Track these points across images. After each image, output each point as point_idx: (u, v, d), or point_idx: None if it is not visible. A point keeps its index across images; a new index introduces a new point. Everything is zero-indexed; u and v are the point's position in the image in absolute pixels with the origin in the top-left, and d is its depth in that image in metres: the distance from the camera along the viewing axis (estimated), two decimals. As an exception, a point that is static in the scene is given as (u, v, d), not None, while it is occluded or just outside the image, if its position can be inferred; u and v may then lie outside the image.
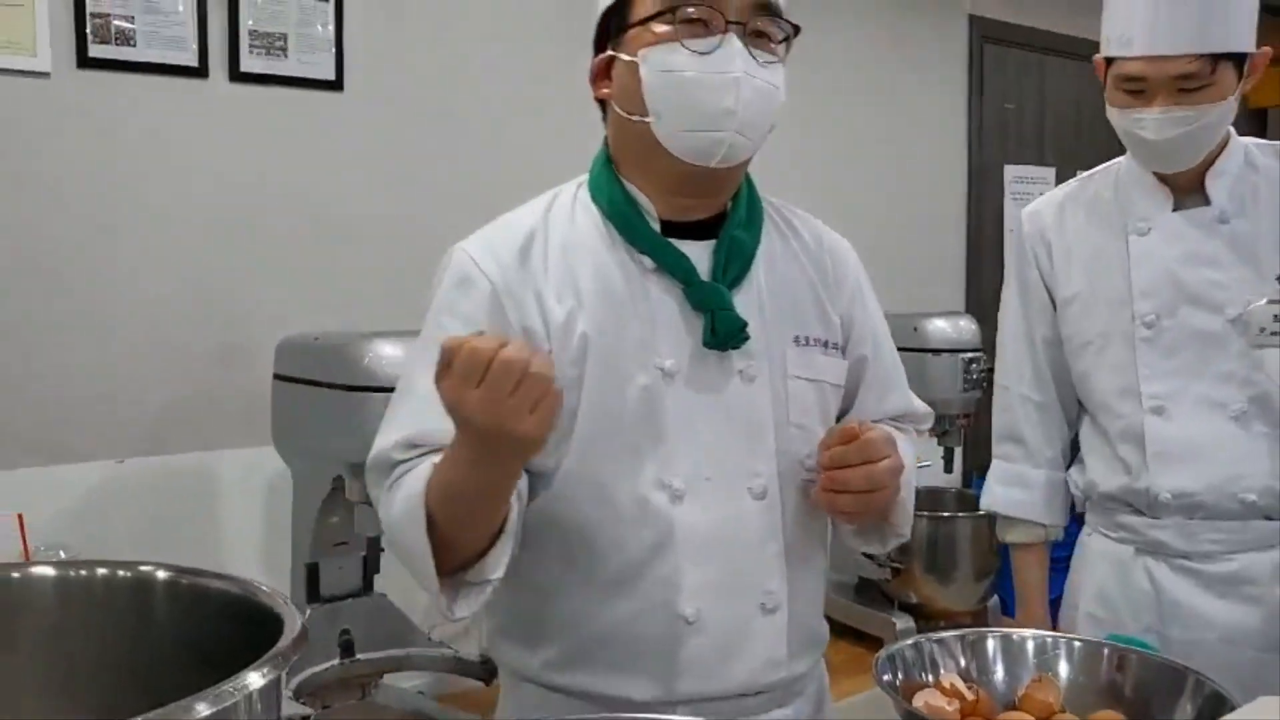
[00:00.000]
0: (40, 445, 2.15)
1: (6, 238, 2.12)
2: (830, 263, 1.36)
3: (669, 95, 1.17)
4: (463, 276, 1.21)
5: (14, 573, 0.77)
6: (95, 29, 2.16)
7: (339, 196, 2.51)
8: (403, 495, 1.12)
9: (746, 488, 1.22)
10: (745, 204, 1.29)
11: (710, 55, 1.16)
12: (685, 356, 1.20)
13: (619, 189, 1.24)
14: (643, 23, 1.19)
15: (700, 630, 1.20)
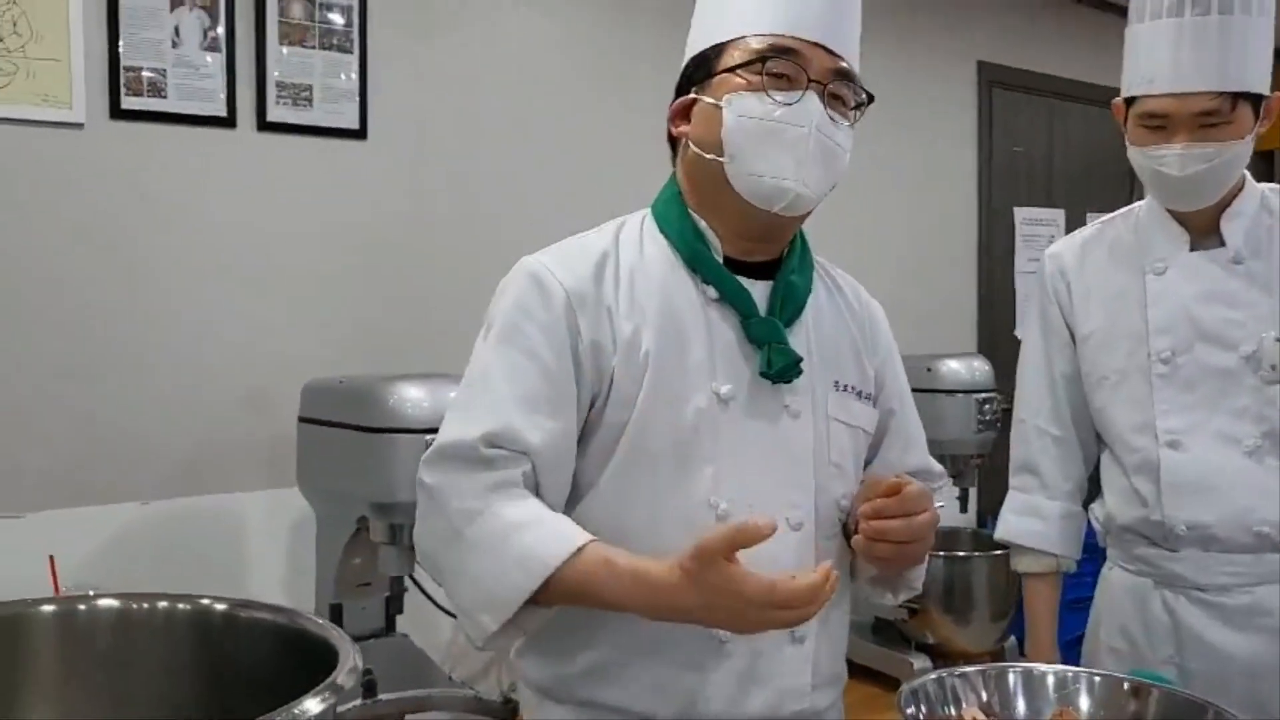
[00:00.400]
0: (68, 487, 2.19)
1: (41, 283, 2.17)
2: (868, 321, 1.44)
3: (745, 139, 1.24)
4: (539, 283, 1.25)
5: (80, 605, 0.80)
6: (128, 81, 2.23)
7: (362, 242, 2.55)
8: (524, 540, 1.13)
9: (785, 518, 1.25)
10: (799, 254, 1.36)
11: (790, 108, 1.23)
12: (741, 385, 1.25)
13: (689, 221, 1.30)
14: (731, 70, 1.26)
15: (732, 652, 1.23)
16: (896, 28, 3.73)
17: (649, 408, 1.22)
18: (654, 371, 1.23)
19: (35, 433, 2.16)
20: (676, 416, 1.23)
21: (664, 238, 1.31)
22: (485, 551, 1.14)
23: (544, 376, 1.21)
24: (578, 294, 1.23)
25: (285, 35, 2.41)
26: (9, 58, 2.10)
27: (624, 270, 1.27)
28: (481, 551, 1.14)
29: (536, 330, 1.22)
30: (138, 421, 2.27)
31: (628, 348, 1.23)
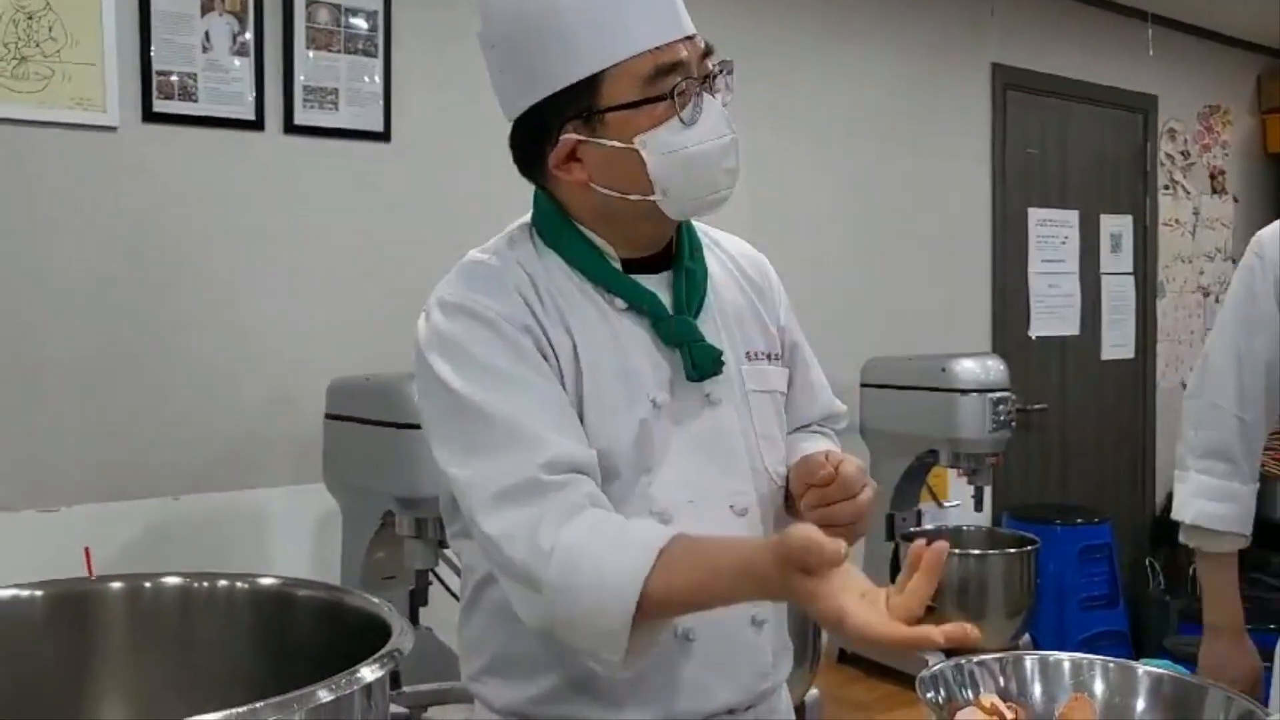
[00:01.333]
0: (102, 482, 2.23)
1: (73, 284, 2.22)
2: (761, 279, 1.40)
3: (678, 173, 1.18)
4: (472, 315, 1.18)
5: (146, 583, 0.84)
6: (160, 85, 2.28)
7: (387, 242, 2.60)
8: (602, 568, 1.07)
9: (729, 505, 1.25)
10: (687, 234, 1.31)
11: (701, 125, 1.18)
12: (668, 388, 1.23)
13: (580, 238, 1.25)
14: (627, 107, 1.17)
15: (698, 648, 1.22)
16: (911, 30, 3.76)
17: (591, 426, 1.19)
18: (590, 390, 1.20)
19: (71, 430, 2.21)
20: (618, 431, 1.19)
21: (556, 254, 1.25)
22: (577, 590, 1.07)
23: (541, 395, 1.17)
24: (509, 317, 1.18)
25: (312, 40, 2.45)
26: (45, 62, 2.15)
27: (534, 291, 1.22)
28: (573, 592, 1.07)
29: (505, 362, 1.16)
30: (169, 419, 2.32)
31: (566, 368, 1.20)
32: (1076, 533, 3.75)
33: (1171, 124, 4.77)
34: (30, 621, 0.81)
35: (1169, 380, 4.76)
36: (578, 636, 1.11)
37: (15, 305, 2.16)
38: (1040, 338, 4.26)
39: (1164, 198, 4.76)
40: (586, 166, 1.21)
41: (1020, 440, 3.92)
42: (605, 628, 1.07)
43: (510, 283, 1.22)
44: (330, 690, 0.65)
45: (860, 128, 3.59)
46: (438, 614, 2.39)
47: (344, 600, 0.81)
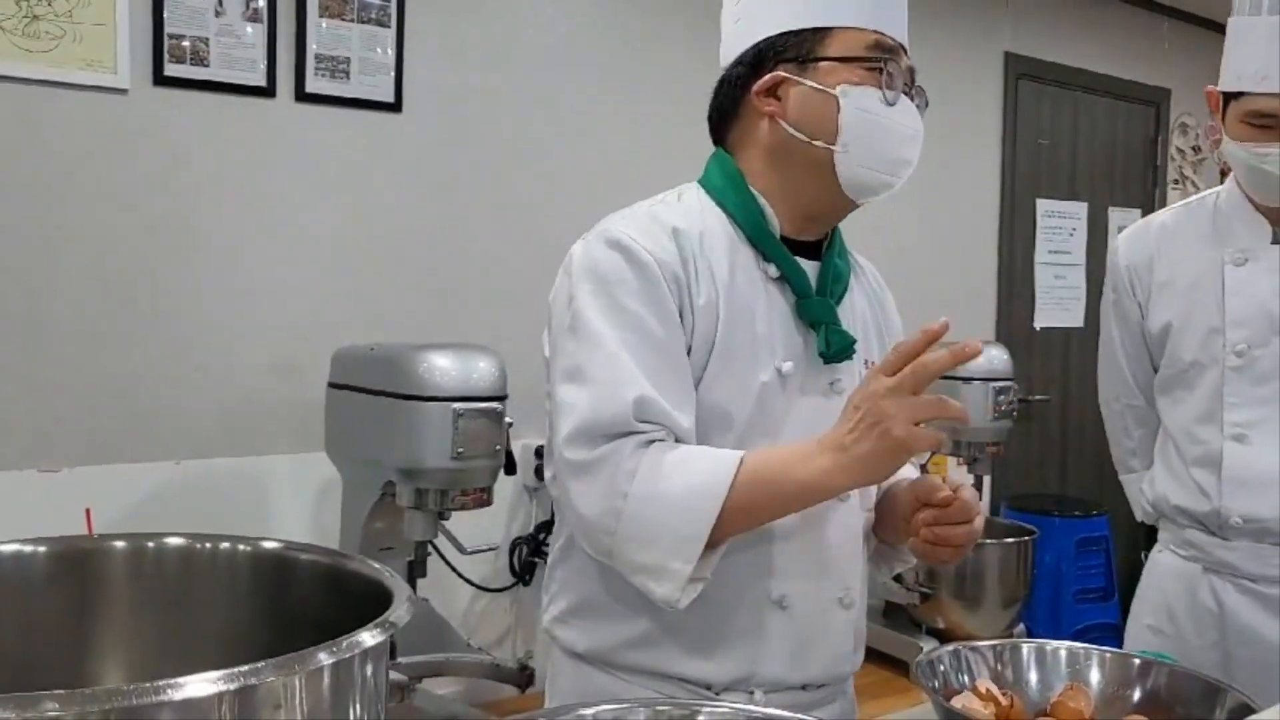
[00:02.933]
0: (105, 445, 2.24)
1: (81, 246, 2.22)
2: (884, 302, 1.48)
3: (863, 133, 1.27)
4: (627, 253, 1.23)
5: (149, 542, 0.84)
6: (171, 49, 2.27)
7: (395, 212, 2.59)
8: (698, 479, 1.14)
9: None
10: (838, 235, 1.40)
11: (895, 108, 1.28)
12: (798, 361, 1.28)
13: (751, 198, 1.30)
14: (842, 60, 1.27)
15: (790, 616, 1.27)
16: (925, 18, 3.72)
17: (714, 378, 1.24)
18: (722, 343, 1.24)
19: (75, 391, 2.21)
20: (740, 389, 1.25)
21: (723, 212, 1.31)
22: (656, 499, 1.14)
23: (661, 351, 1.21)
24: (664, 263, 1.23)
25: (325, 8, 2.44)
26: (57, 21, 2.14)
27: (695, 241, 1.26)
28: (652, 500, 1.14)
29: (640, 305, 1.21)
30: (173, 384, 2.32)
31: (704, 316, 1.24)
32: (1074, 525, 3.76)
33: (1183, 118, 4.75)
34: (32, 577, 0.82)
35: (1172, 376, 4.75)
36: (643, 550, 1.15)
37: (21, 265, 2.16)
38: (1044, 329, 4.25)
39: (1173, 192, 4.74)
40: (785, 103, 1.29)
41: (1021, 431, 3.92)
42: (684, 532, 1.13)
43: (672, 228, 1.26)
44: (330, 653, 0.66)
45: (871, 113, 3.57)
46: (435, 586, 2.40)
47: (345, 566, 0.81)
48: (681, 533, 1.13)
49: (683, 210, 1.30)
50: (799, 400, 1.28)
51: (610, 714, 0.94)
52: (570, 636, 1.33)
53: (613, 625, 1.29)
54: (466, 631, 2.52)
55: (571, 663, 1.34)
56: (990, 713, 1.16)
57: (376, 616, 0.72)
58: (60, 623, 0.81)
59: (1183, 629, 1.82)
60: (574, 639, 1.33)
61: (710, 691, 1.26)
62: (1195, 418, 1.79)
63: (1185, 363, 1.80)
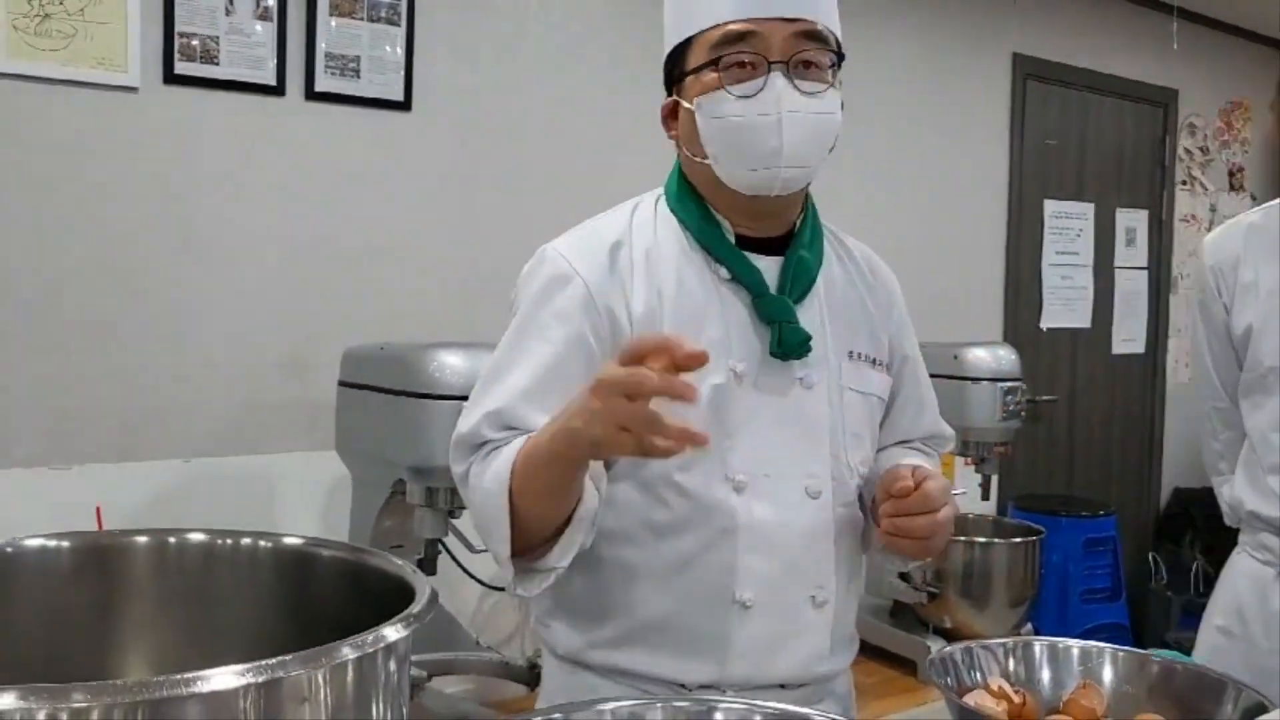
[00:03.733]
0: (115, 443, 2.25)
1: (93, 244, 2.22)
2: (881, 289, 1.45)
3: (721, 140, 1.25)
4: (557, 274, 1.27)
5: (170, 538, 0.85)
6: (182, 47, 2.27)
7: (405, 211, 2.60)
8: (491, 478, 1.18)
9: (803, 486, 1.29)
10: (809, 226, 1.37)
11: (754, 98, 1.23)
12: (753, 361, 1.27)
13: (698, 204, 1.32)
14: (695, 71, 1.27)
15: (755, 616, 1.26)
16: (932, 18, 3.74)
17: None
18: None
19: (86, 389, 2.22)
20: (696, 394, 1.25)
21: (675, 219, 1.32)
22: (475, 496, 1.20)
23: (557, 365, 1.23)
24: (595, 282, 1.26)
25: (335, 7, 2.45)
26: (68, 20, 2.14)
27: (639, 253, 1.29)
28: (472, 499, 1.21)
29: (553, 319, 1.25)
30: (183, 381, 2.33)
31: (641, 326, 1.25)
32: (1081, 525, 3.76)
33: (1191, 119, 4.74)
34: (57, 572, 0.82)
35: (1179, 376, 4.75)
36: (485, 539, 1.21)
37: (33, 263, 2.17)
38: (1051, 329, 4.25)
39: (1181, 193, 4.74)
40: (679, 125, 1.32)
41: (1028, 431, 3.92)
42: (493, 516, 1.16)
43: (610, 243, 1.29)
44: (355, 648, 0.66)
45: (879, 114, 3.57)
46: (445, 584, 2.40)
47: (367, 561, 0.82)
48: (491, 518, 1.17)
49: (631, 223, 1.32)
50: (760, 398, 1.28)
51: (627, 710, 0.94)
52: (552, 637, 1.35)
53: (587, 626, 1.31)
54: (476, 630, 2.52)
55: (561, 663, 1.35)
56: (1003, 710, 1.16)
57: (397, 612, 0.72)
58: (84, 617, 0.81)
59: (1251, 631, 1.80)
60: (555, 640, 1.34)
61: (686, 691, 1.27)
62: (1273, 424, 1.77)
63: (1265, 367, 1.78)
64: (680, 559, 1.26)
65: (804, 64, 1.26)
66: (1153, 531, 4.63)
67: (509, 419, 1.21)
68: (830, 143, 1.30)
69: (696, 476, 1.25)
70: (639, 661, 1.28)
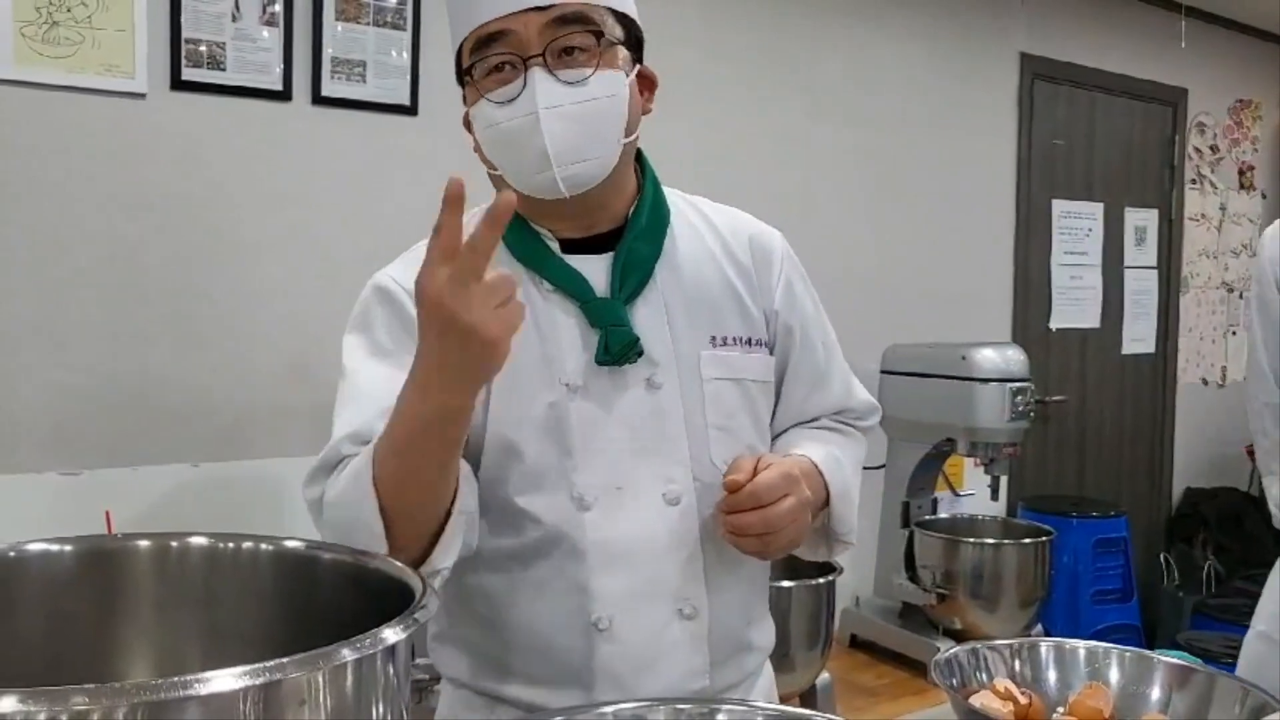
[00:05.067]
0: (123, 447, 2.26)
1: (100, 249, 2.24)
2: (752, 258, 1.32)
3: (496, 150, 1.20)
4: (384, 294, 1.24)
5: (173, 542, 0.85)
6: (189, 53, 2.28)
7: (411, 215, 2.59)
8: (347, 473, 1.09)
9: (660, 494, 1.21)
10: (647, 212, 1.27)
11: (515, 101, 1.15)
12: (587, 372, 1.20)
13: (517, 219, 1.22)
14: (461, 84, 1.22)
15: (613, 638, 1.19)
16: (939, 18, 3.73)
17: (497, 411, 1.19)
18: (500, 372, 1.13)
19: (94, 394, 2.23)
20: (528, 414, 1.19)
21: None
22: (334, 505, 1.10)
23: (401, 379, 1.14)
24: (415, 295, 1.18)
25: (341, 12, 2.45)
26: (76, 27, 2.16)
27: None
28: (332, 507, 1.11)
29: (389, 340, 1.20)
30: (191, 386, 2.33)
31: None
32: (1091, 525, 3.75)
33: (1201, 118, 4.72)
34: (60, 575, 0.83)
35: (1189, 376, 4.73)
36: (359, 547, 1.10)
37: (41, 268, 2.18)
38: (1060, 329, 4.24)
39: (1191, 192, 4.72)
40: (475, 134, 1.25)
41: (1038, 432, 3.91)
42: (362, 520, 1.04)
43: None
44: (354, 650, 0.66)
45: (886, 115, 3.57)
46: (452, 587, 2.40)
47: (368, 564, 0.82)
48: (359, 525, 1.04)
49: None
50: (603, 412, 1.20)
51: (629, 713, 0.94)
52: (440, 662, 1.31)
53: (469, 653, 1.26)
54: (483, 633, 2.52)
55: (450, 686, 1.30)
56: (1009, 712, 1.16)
57: (399, 615, 0.72)
58: (86, 620, 0.82)
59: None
60: (444, 664, 1.30)
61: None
62: None
63: None
64: (537, 585, 1.20)
65: (565, 51, 1.16)
66: (1164, 532, 4.61)
67: (368, 434, 1.11)
68: (615, 129, 1.19)
69: (541, 499, 1.19)
70: (515, 690, 1.22)
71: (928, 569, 2.87)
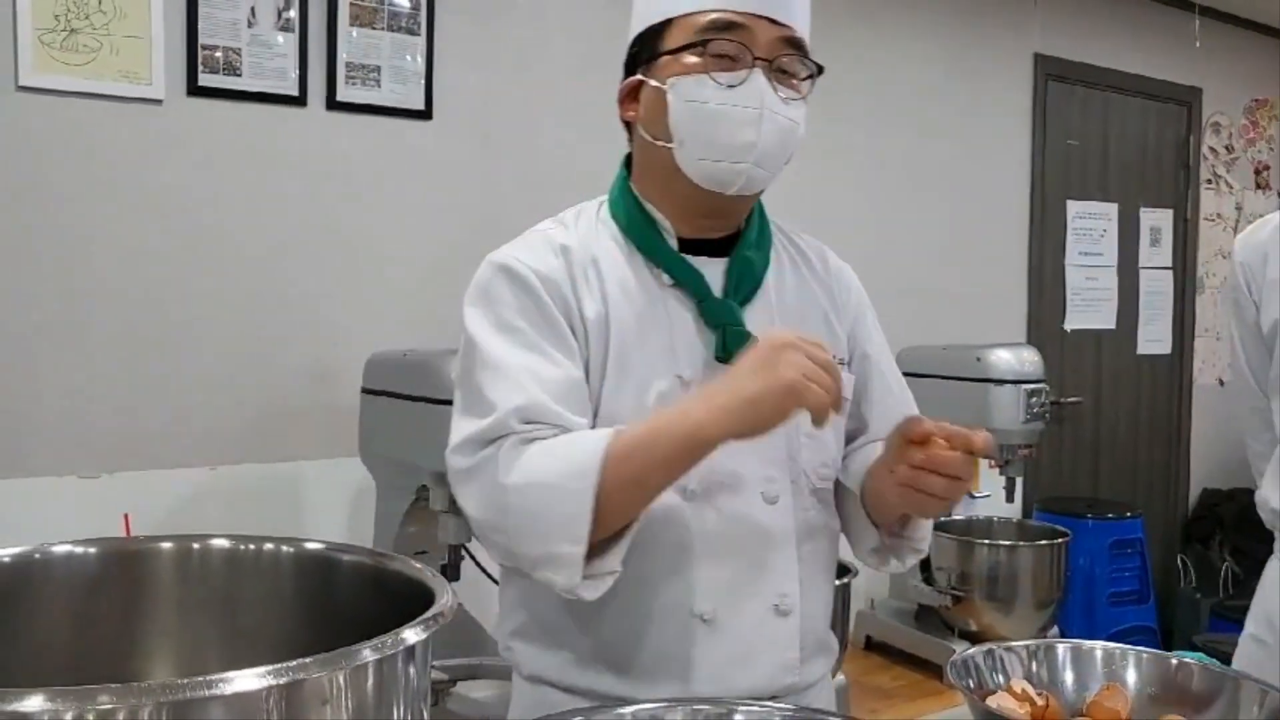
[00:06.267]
0: (142, 451, 2.27)
1: (118, 254, 2.25)
2: (836, 285, 1.41)
3: (693, 125, 1.23)
4: (510, 273, 1.24)
5: (194, 544, 0.86)
6: (205, 59, 2.30)
7: (427, 219, 2.61)
8: (572, 458, 1.11)
9: (759, 492, 1.25)
10: (756, 227, 1.34)
11: (736, 89, 1.21)
12: (700, 367, 1.24)
13: (637, 208, 1.30)
14: (674, 52, 1.24)
15: (716, 630, 1.22)
16: (953, 19, 3.73)
17: (612, 393, 1.22)
18: (616, 358, 1.22)
19: (113, 398, 2.25)
20: (641, 402, 1.21)
21: (615, 225, 1.30)
22: (533, 486, 1.11)
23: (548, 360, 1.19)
24: (547, 279, 1.23)
25: (355, 17, 2.47)
26: (94, 35, 2.17)
27: (584, 259, 1.26)
28: (530, 488, 1.11)
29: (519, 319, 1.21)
30: (208, 390, 2.35)
31: (593, 331, 1.22)
32: (1107, 527, 3.73)
33: (1216, 117, 4.70)
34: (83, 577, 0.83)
35: (1206, 376, 4.71)
36: (532, 540, 1.11)
37: (59, 273, 2.20)
38: (1075, 331, 4.23)
39: (1206, 192, 4.70)
40: (640, 106, 1.29)
41: (1053, 433, 3.90)
42: (567, 511, 1.08)
43: (560, 245, 1.27)
44: (375, 650, 0.67)
45: (900, 115, 3.57)
46: (468, 590, 2.41)
47: (388, 566, 0.82)
48: (563, 513, 1.09)
49: (575, 230, 1.30)
50: None
51: (647, 714, 0.95)
52: (516, 659, 1.32)
53: (548, 649, 1.27)
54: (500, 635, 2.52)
55: (528, 684, 1.31)
56: (1025, 713, 1.16)
57: (418, 616, 0.73)
58: (110, 621, 0.83)
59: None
60: (520, 661, 1.31)
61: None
62: None
63: None
64: (638, 575, 1.21)
65: (782, 71, 1.25)
66: (1180, 533, 4.59)
67: (538, 415, 1.15)
68: (791, 153, 1.27)
69: None
70: (603, 682, 1.24)
71: (943, 571, 2.87)
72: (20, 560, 0.83)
